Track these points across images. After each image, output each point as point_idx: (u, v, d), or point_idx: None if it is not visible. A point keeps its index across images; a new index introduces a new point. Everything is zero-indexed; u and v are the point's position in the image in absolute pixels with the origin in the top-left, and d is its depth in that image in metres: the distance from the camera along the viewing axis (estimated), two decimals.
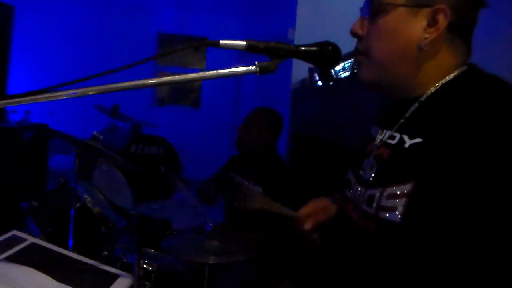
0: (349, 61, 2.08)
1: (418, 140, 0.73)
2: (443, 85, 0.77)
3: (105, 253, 1.84)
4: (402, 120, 0.80)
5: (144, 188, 3.26)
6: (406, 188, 0.69)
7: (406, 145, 0.75)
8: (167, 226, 2.03)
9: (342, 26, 3.37)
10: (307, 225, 1.05)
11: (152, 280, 1.74)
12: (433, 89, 0.77)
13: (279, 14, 3.88)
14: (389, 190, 0.73)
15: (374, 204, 0.75)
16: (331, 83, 2.30)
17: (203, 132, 6.11)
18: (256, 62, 0.68)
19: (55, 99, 0.65)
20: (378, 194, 0.75)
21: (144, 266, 1.75)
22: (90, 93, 0.65)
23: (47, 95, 0.65)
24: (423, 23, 0.75)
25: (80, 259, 1.23)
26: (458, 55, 0.78)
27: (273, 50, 0.69)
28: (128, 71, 0.67)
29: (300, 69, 2.95)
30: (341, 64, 2.12)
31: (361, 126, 1.81)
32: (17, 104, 0.65)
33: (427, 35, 0.75)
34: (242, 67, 0.68)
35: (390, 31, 0.78)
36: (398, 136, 0.78)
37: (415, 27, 0.75)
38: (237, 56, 5.35)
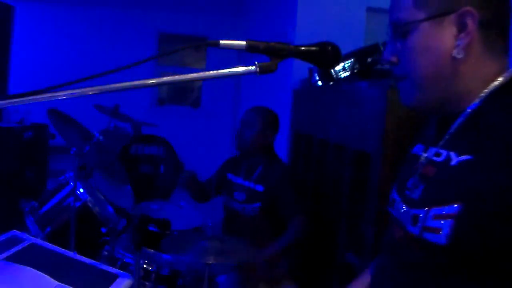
0: (349, 61, 2.08)
1: (467, 157, 0.69)
2: (489, 95, 0.72)
3: (105, 253, 1.84)
4: (447, 136, 0.76)
5: (144, 188, 3.26)
6: (453, 209, 0.66)
7: (453, 162, 0.71)
8: (167, 226, 2.03)
9: (342, 26, 3.37)
10: None
11: (152, 280, 1.74)
12: (477, 101, 0.73)
13: (279, 14, 3.88)
14: (434, 211, 0.69)
15: (419, 225, 0.72)
16: (331, 83, 2.29)
17: (203, 132, 6.11)
18: (256, 62, 0.68)
19: (55, 99, 0.65)
20: (423, 214, 0.72)
21: (144, 266, 1.75)
22: (90, 93, 0.65)
23: (47, 95, 0.65)
24: (453, 30, 0.72)
25: (80, 259, 1.23)
26: (498, 57, 0.74)
27: (273, 50, 0.69)
28: (128, 71, 0.67)
29: (300, 69, 2.95)
30: (341, 64, 2.11)
31: (361, 126, 1.81)
32: (17, 104, 0.65)
33: (458, 43, 0.71)
34: (242, 67, 0.68)
35: (422, 49, 0.75)
36: (444, 153, 0.74)
37: (445, 37, 0.73)
38: (237, 56, 5.35)
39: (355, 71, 2.05)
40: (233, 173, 2.26)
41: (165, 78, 0.67)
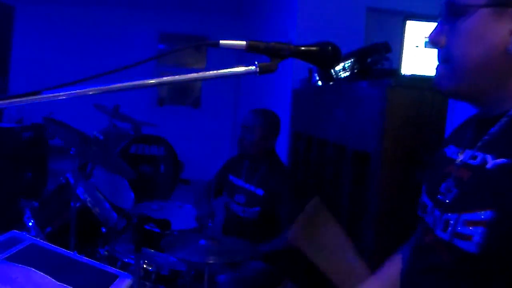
0: (349, 61, 2.08)
1: (503, 160, 0.65)
2: None
3: (105, 253, 1.84)
4: (485, 138, 0.72)
5: (144, 188, 3.26)
6: (485, 215, 0.63)
7: (489, 166, 0.67)
8: (167, 226, 2.03)
9: (342, 26, 3.37)
10: None
11: (152, 280, 1.74)
12: None
13: (279, 14, 3.88)
14: (465, 216, 0.66)
15: (450, 229, 0.69)
16: (331, 83, 2.29)
17: (203, 132, 6.12)
18: (256, 62, 0.68)
19: (55, 99, 0.65)
20: (454, 220, 0.69)
21: (144, 266, 1.75)
22: (90, 93, 0.65)
23: (47, 95, 0.64)
24: (510, 24, 0.67)
25: (80, 259, 1.23)
26: None
27: (273, 50, 0.68)
28: (128, 71, 0.67)
29: (300, 69, 2.95)
30: (341, 64, 2.11)
31: (361, 126, 1.81)
32: (17, 104, 0.65)
33: None
34: (242, 67, 0.68)
35: (474, 36, 0.70)
36: (480, 156, 0.71)
37: (502, 29, 0.68)
38: (237, 56, 5.35)
39: (355, 71, 2.05)
40: (234, 174, 2.26)
41: (165, 78, 0.67)
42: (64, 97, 0.65)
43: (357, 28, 3.09)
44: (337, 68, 2.14)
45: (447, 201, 0.74)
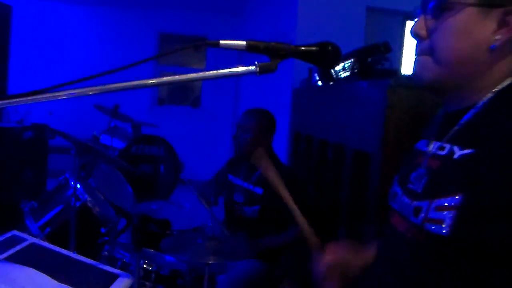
0: (349, 61, 2.08)
1: (469, 151, 0.70)
2: (499, 91, 0.74)
3: (105, 253, 1.84)
4: (453, 130, 0.77)
5: (144, 188, 3.26)
6: (455, 200, 0.68)
7: (456, 156, 0.72)
8: (167, 226, 2.03)
9: (342, 26, 3.36)
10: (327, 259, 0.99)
11: (152, 280, 1.74)
12: (491, 95, 0.74)
13: (279, 14, 3.88)
14: (436, 202, 0.71)
15: (422, 216, 0.73)
16: (331, 83, 2.29)
17: (203, 132, 6.11)
18: (256, 62, 0.68)
19: (55, 99, 0.65)
20: (425, 206, 0.73)
21: (144, 266, 1.75)
22: (90, 93, 0.65)
23: (47, 95, 0.64)
24: (493, 24, 0.72)
25: (80, 259, 1.23)
26: None
27: (273, 50, 0.69)
28: (128, 71, 0.67)
29: (300, 69, 2.95)
30: (341, 64, 2.11)
31: (361, 126, 1.81)
32: (17, 104, 0.65)
33: (498, 37, 0.72)
34: (242, 67, 0.68)
35: (460, 32, 0.75)
36: (448, 147, 0.76)
37: (485, 28, 0.73)
38: (237, 56, 5.35)
39: (355, 71, 2.05)
40: (233, 174, 2.26)
41: (165, 78, 0.67)
42: (64, 97, 0.65)
43: (357, 28, 3.09)
44: (337, 68, 2.15)
45: (417, 189, 0.79)
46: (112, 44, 5.87)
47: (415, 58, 0.83)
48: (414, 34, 0.82)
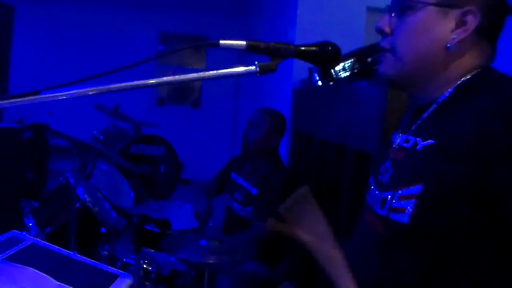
0: (349, 61, 2.07)
1: (430, 142, 0.74)
2: (459, 86, 0.77)
3: (105, 253, 1.83)
4: (417, 124, 0.81)
5: (144, 188, 3.26)
6: (415, 189, 0.70)
7: (419, 147, 0.76)
8: (167, 226, 2.02)
9: (342, 26, 3.36)
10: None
11: (152, 280, 1.74)
12: (451, 90, 0.77)
13: (279, 14, 3.88)
14: (400, 192, 0.74)
15: (386, 206, 0.77)
16: (331, 83, 2.29)
17: (203, 132, 6.11)
18: (256, 62, 0.68)
19: (55, 99, 0.65)
20: (390, 196, 0.76)
21: (144, 266, 1.75)
22: (90, 93, 0.65)
23: (47, 95, 0.65)
24: (452, 23, 0.75)
25: (80, 259, 1.23)
26: (483, 58, 0.78)
27: (273, 50, 0.69)
28: (128, 71, 0.67)
29: (300, 69, 2.95)
30: (341, 64, 2.11)
31: (361, 126, 1.81)
32: (17, 104, 0.65)
33: (455, 36, 0.75)
34: (242, 67, 0.68)
35: (419, 29, 0.78)
36: (412, 139, 0.79)
37: (444, 27, 0.76)
38: (237, 56, 5.35)
39: (355, 71, 2.05)
40: (236, 172, 2.26)
41: (165, 78, 0.67)
42: (64, 97, 0.65)
43: (357, 28, 3.08)
44: (337, 68, 2.14)
45: (384, 181, 0.82)
46: (112, 44, 5.87)
47: (379, 54, 0.87)
48: (378, 30, 0.85)
